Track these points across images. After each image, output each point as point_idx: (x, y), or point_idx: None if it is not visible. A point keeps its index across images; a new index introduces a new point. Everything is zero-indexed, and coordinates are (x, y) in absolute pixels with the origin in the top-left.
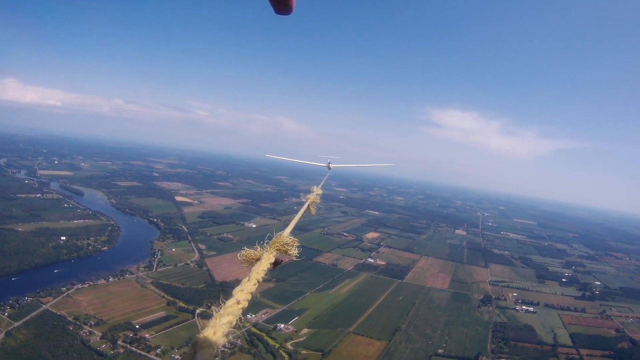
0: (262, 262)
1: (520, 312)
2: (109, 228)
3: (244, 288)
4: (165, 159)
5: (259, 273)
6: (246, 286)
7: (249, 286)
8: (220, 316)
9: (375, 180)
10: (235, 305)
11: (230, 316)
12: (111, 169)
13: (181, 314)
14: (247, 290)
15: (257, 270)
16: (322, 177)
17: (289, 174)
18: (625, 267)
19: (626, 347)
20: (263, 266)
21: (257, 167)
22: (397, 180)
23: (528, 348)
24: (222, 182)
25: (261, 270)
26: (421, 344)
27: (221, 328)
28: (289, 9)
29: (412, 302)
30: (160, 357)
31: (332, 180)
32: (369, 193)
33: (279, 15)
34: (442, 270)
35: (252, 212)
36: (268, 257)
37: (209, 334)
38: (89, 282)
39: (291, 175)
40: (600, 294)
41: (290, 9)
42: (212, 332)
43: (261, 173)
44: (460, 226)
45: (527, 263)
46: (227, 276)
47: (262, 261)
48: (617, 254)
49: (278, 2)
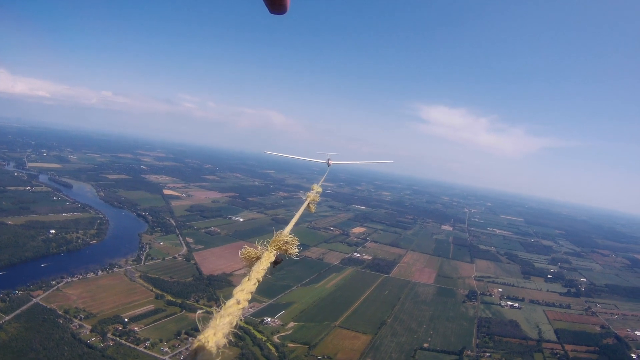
0: (263, 261)
1: (506, 307)
2: (97, 221)
3: (244, 288)
4: (153, 151)
5: (259, 272)
6: (246, 286)
7: (249, 286)
8: (221, 317)
9: (363, 175)
10: (236, 306)
11: (231, 316)
12: (99, 162)
13: (169, 307)
14: (247, 290)
15: (257, 269)
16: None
17: (277, 168)
18: (611, 265)
19: (611, 343)
20: (263, 265)
21: (244, 160)
22: (384, 175)
23: (513, 343)
24: (210, 176)
25: (261, 269)
26: (406, 338)
27: (222, 329)
28: (283, 8)
29: (398, 296)
30: (149, 350)
31: (319, 174)
32: (356, 188)
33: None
34: (427, 265)
35: (239, 206)
36: (268, 256)
37: (209, 334)
38: (78, 276)
39: (279, 170)
40: (585, 291)
41: (285, 8)
42: (212, 333)
43: (248, 167)
44: (446, 222)
45: (513, 259)
46: (215, 270)
47: (262, 260)
48: (603, 251)
49: (272, 2)
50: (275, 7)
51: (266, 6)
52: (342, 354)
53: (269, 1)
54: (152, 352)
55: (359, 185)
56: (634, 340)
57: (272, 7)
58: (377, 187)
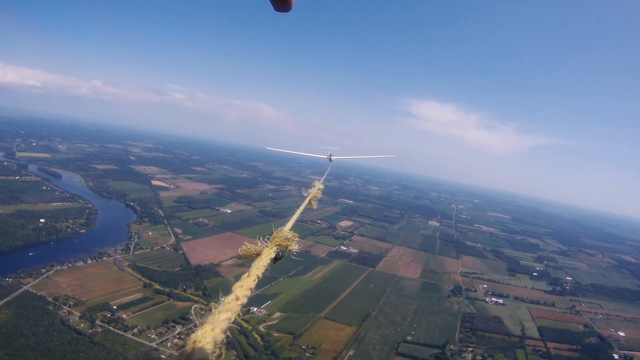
0: (262, 258)
1: (490, 303)
2: (86, 211)
3: (243, 284)
4: (142, 142)
5: (258, 269)
6: (246, 282)
7: (249, 282)
8: (219, 312)
9: (351, 169)
10: (234, 302)
11: (229, 312)
12: (88, 152)
13: (157, 295)
14: (246, 287)
15: (257, 265)
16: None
17: (265, 160)
18: (598, 264)
19: (593, 342)
20: (263, 261)
21: (233, 152)
22: (372, 170)
23: (496, 339)
24: (198, 167)
25: (261, 265)
26: (390, 331)
27: (220, 324)
28: (288, 6)
29: (383, 290)
30: (136, 337)
31: (306, 167)
32: (344, 182)
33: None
34: (413, 260)
35: (227, 198)
36: (268, 252)
37: (207, 330)
38: (68, 264)
39: (267, 162)
40: (570, 290)
41: (290, 5)
42: (210, 329)
43: (237, 159)
44: (433, 217)
45: (499, 256)
46: (202, 260)
47: (262, 256)
48: (590, 251)
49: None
50: (280, 5)
51: (271, 4)
52: (327, 344)
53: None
54: (139, 339)
55: (346, 179)
56: (617, 340)
57: (277, 5)
58: (365, 181)
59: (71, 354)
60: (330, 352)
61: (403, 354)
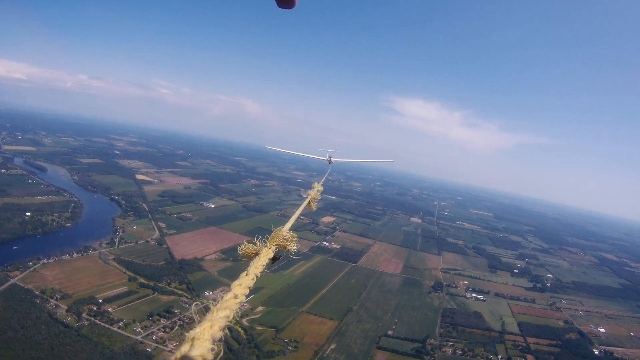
0: (261, 257)
1: (470, 299)
2: (72, 205)
3: (242, 282)
4: (126, 136)
5: (257, 268)
6: (244, 281)
7: (247, 281)
8: (217, 310)
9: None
10: (233, 300)
11: (228, 310)
12: (73, 146)
13: (142, 289)
14: (245, 285)
15: (255, 265)
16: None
17: (248, 155)
18: (579, 262)
19: (573, 338)
20: (262, 261)
21: (216, 147)
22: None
23: (476, 334)
24: (182, 162)
25: (259, 265)
26: (372, 325)
27: (218, 322)
28: (291, 3)
29: (365, 285)
30: (122, 330)
31: (290, 163)
32: (327, 178)
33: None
34: (395, 255)
35: (210, 193)
36: (267, 252)
37: (205, 327)
38: (54, 258)
39: (250, 158)
40: (551, 287)
41: (293, 3)
42: (208, 326)
43: (220, 154)
44: (415, 214)
45: (480, 253)
46: (186, 254)
47: (260, 256)
48: (572, 249)
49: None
50: (283, 2)
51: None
52: (309, 337)
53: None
54: (125, 332)
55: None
56: (597, 337)
57: (280, 2)
58: (347, 177)
59: (59, 347)
60: (312, 345)
61: (384, 348)
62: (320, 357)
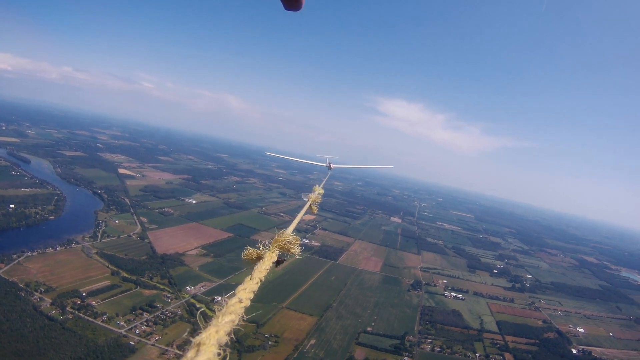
0: (265, 261)
1: (449, 298)
2: (55, 197)
3: (246, 287)
4: (109, 129)
5: (261, 272)
6: (249, 285)
7: (252, 285)
8: (223, 315)
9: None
10: (238, 304)
11: (233, 315)
12: (57, 138)
13: (125, 283)
14: (249, 289)
15: (259, 269)
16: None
17: (230, 152)
18: (559, 264)
19: (552, 337)
20: (266, 265)
21: (198, 143)
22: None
23: (454, 331)
24: (164, 157)
25: (264, 269)
26: (351, 321)
27: (223, 327)
28: (298, 4)
29: (344, 282)
30: (106, 323)
31: (271, 161)
32: (309, 176)
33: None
34: (375, 254)
35: (192, 188)
36: (270, 255)
37: (211, 332)
38: (38, 250)
39: (232, 154)
40: (530, 287)
41: (300, 5)
42: (214, 331)
43: (202, 149)
44: (396, 214)
45: (460, 253)
46: (168, 249)
47: (264, 260)
48: (552, 251)
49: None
50: (290, 4)
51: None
52: (289, 333)
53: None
54: (109, 325)
55: (311, 173)
56: (576, 336)
57: (287, 4)
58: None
59: (44, 340)
60: (293, 340)
61: (363, 344)
62: (300, 352)
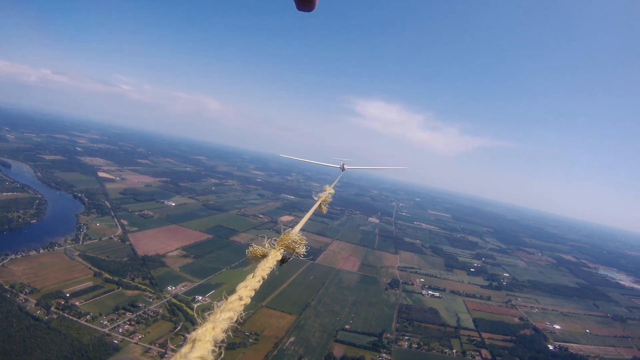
0: (269, 259)
1: (426, 296)
2: (36, 201)
3: (247, 284)
4: (87, 133)
5: (264, 270)
6: (250, 282)
7: (253, 283)
8: (221, 311)
9: (293, 165)
10: (238, 302)
11: (231, 312)
12: (36, 142)
13: (107, 284)
14: (250, 287)
15: (262, 267)
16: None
17: (208, 154)
18: (536, 262)
19: (528, 333)
20: (269, 263)
21: (176, 145)
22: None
23: (431, 329)
24: (143, 160)
25: (267, 267)
26: (329, 320)
27: (221, 323)
28: (312, 5)
29: (323, 281)
30: (89, 323)
31: (249, 162)
32: (286, 178)
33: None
34: (352, 254)
35: (171, 191)
36: (275, 254)
37: (207, 329)
38: (21, 253)
39: (210, 157)
40: (507, 285)
41: (313, 5)
42: (211, 328)
43: (180, 152)
44: (373, 214)
45: (437, 252)
46: (149, 251)
47: (268, 258)
48: (530, 250)
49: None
50: (302, 4)
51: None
52: (269, 331)
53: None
54: (92, 325)
55: (289, 175)
56: (552, 333)
57: (300, 4)
58: (307, 177)
59: (30, 339)
60: (272, 338)
61: (341, 341)
62: (280, 349)
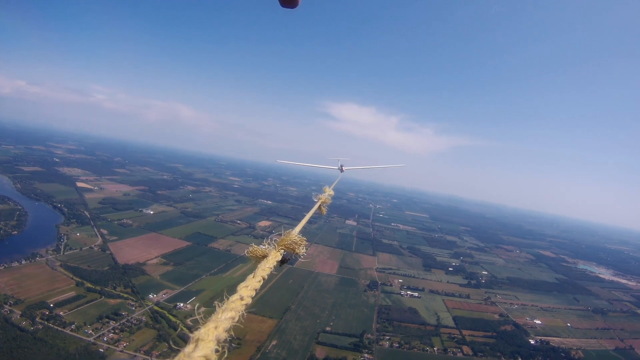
0: (269, 260)
1: (405, 296)
2: (17, 213)
3: (248, 284)
4: (64, 143)
5: (264, 270)
6: (251, 283)
7: (254, 283)
8: (223, 311)
9: (270, 170)
10: (239, 302)
11: (233, 312)
12: (14, 154)
13: (89, 293)
14: (251, 287)
15: (263, 267)
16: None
17: (184, 162)
18: (515, 259)
19: (509, 329)
20: (269, 263)
21: (152, 154)
22: (291, 171)
23: (411, 328)
24: (120, 169)
25: (267, 267)
26: (310, 322)
27: (223, 323)
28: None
29: (302, 285)
30: (74, 332)
31: (226, 169)
32: (263, 183)
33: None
34: (331, 257)
35: (149, 199)
36: (275, 254)
37: (210, 328)
38: (4, 265)
39: (186, 164)
40: (486, 283)
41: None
42: (213, 327)
43: (157, 160)
44: (351, 217)
45: (415, 252)
46: (129, 259)
47: (268, 258)
48: (508, 247)
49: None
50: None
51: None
52: (250, 335)
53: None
54: (77, 334)
55: (265, 180)
56: (533, 328)
57: (283, 1)
58: (283, 182)
59: (17, 350)
60: (255, 342)
61: (323, 343)
62: (262, 353)
